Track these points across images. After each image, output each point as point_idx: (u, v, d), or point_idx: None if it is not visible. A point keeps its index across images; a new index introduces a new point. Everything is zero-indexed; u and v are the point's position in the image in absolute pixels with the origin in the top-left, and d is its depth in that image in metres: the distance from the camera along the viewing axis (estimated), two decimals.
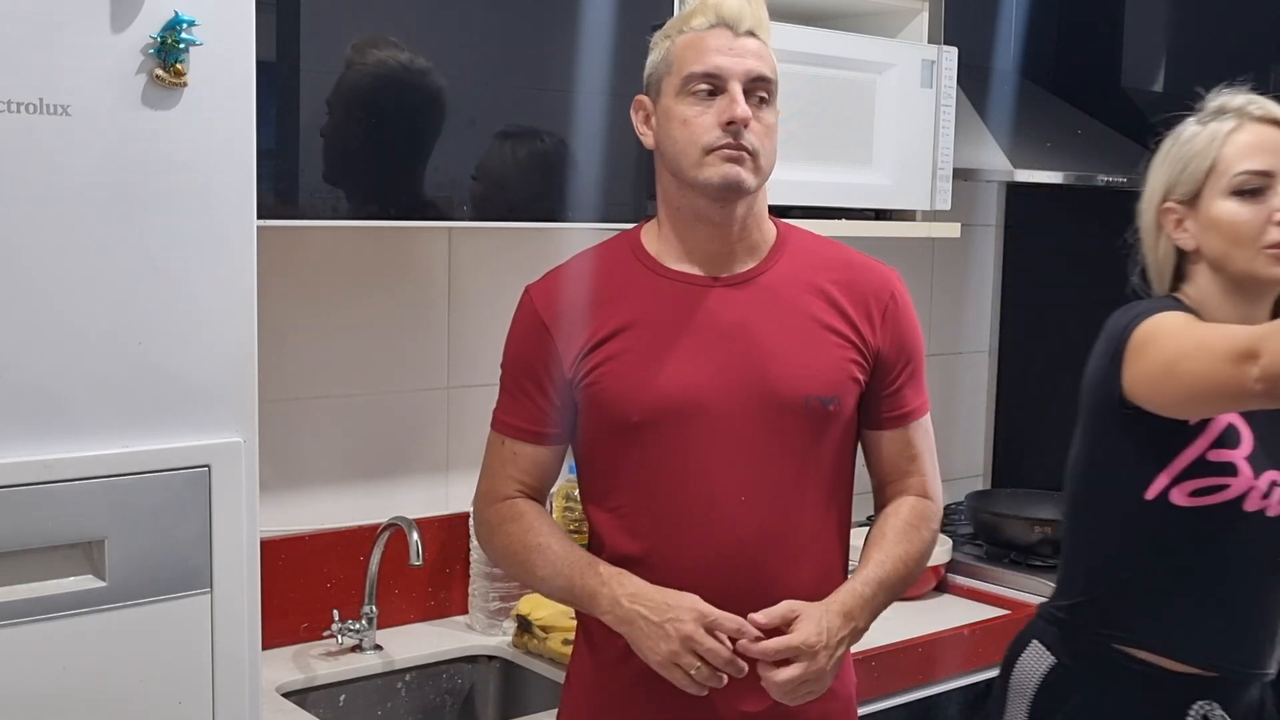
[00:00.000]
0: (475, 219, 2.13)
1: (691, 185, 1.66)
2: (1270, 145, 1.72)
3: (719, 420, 1.65)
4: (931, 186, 2.67)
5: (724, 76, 1.63)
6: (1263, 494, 1.69)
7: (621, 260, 1.74)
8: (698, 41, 1.65)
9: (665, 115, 1.68)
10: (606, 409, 1.68)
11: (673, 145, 1.67)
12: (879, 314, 1.73)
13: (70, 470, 1.48)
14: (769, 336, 1.68)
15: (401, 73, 2.00)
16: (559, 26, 2.14)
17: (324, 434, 2.38)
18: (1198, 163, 1.74)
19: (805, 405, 1.67)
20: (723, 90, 1.64)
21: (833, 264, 1.75)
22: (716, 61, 1.64)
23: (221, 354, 1.57)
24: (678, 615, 1.59)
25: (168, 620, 1.55)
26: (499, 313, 2.52)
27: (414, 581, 2.45)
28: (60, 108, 1.44)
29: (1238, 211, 1.71)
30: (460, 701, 2.40)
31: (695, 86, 1.64)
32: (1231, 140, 1.73)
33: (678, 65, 1.66)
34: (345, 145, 1.97)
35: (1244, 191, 1.70)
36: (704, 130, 1.63)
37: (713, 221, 1.69)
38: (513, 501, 1.76)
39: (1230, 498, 1.69)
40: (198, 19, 1.51)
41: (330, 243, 2.35)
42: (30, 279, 1.44)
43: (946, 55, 2.67)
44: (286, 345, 2.30)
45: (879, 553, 1.72)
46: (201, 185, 1.54)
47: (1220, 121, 1.75)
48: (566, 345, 1.70)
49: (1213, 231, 1.73)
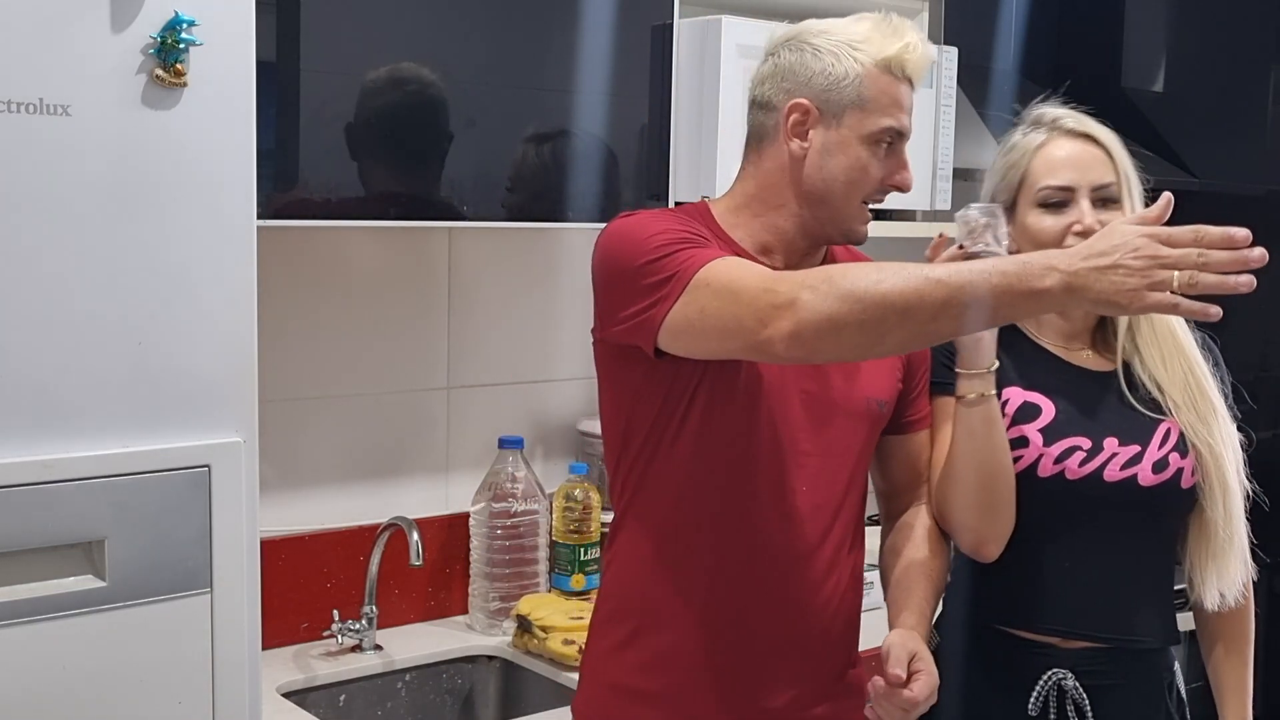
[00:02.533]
0: (475, 219, 2.13)
1: (834, 223, 1.66)
2: (1075, 160, 1.80)
3: (789, 414, 1.65)
4: (931, 186, 2.67)
5: (906, 139, 1.65)
6: (1054, 459, 1.78)
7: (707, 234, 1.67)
8: (894, 92, 1.62)
9: (841, 147, 1.63)
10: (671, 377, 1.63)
11: (842, 184, 1.63)
12: None
13: (70, 470, 1.48)
14: None
15: (401, 72, 2.00)
16: (559, 27, 2.14)
17: (324, 434, 2.38)
18: (1012, 174, 1.83)
19: (867, 408, 1.70)
20: (897, 150, 1.64)
21: None
22: (908, 124, 1.64)
23: (221, 354, 1.57)
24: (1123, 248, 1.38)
25: (168, 620, 1.55)
26: (499, 313, 2.54)
27: (414, 581, 2.45)
28: (60, 108, 1.44)
29: (1042, 222, 1.79)
30: (460, 701, 2.40)
31: (886, 139, 1.63)
32: (1040, 154, 1.81)
33: (875, 107, 1.61)
34: (346, 145, 1.97)
35: (1049, 204, 1.79)
36: (875, 184, 1.64)
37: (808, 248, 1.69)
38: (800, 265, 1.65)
39: (1023, 467, 1.78)
40: (198, 19, 1.51)
41: (330, 243, 2.35)
42: (30, 279, 1.44)
43: (946, 55, 2.67)
44: (286, 345, 2.30)
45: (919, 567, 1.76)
46: (202, 185, 1.54)
47: (1034, 133, 1.84)
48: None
49: (1025, 239, 1.80)
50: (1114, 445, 1.80)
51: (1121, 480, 1.79)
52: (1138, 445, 1.80)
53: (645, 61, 2.26)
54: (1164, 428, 1.82)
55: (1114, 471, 1.79)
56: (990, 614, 1.84)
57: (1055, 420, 1.81)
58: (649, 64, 2.26)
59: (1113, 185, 1.79)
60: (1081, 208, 1.78)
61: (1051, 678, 1.80)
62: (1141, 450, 1.80)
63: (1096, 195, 1.78)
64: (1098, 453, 1.80)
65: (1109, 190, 1.79)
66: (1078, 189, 1.78)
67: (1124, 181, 1.80)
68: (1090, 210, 1.77)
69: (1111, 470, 1.79)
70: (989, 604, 1.84)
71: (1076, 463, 1.79)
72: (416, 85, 2.02)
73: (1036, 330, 1.88)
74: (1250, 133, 3.25)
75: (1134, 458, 1.79)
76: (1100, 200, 1.78)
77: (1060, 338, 1.87)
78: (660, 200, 2.29)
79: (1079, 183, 1.79)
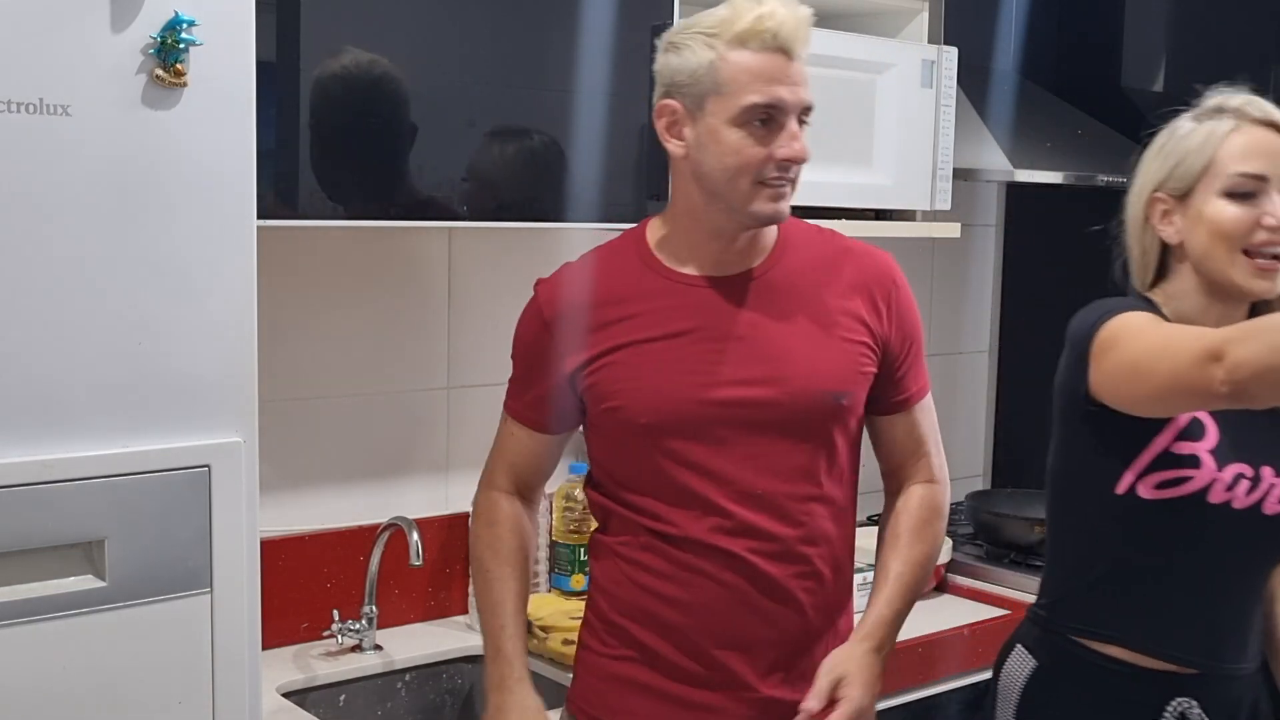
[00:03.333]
0: (475, 219, 2.13)
1: (734, 211, 1.65)
2: (1265, 149, 1.71)
3: (730, 420, 1.66)
4: (931, 186, 2.67)
5: (784, 110, 1.60)
6: (1227, 486, 1.68)
7: (627, 261, 1.74)
8: (753, 66, 1.59)
9: (712, 137, 1.62)
10: (610, 410, 1.69)
11: (721, 172, 1.62)
12: (884, 303, 1.74)
13: (70, 470, 1.48)
14: (778, 333, 1.69)
15: (401, 72, 2.00)
16: (558, 27, 2.14)
17: (324, 434, 2.38)
18: (1193, 159, 1.73)
19: (819, 401, 1.68)
20: (779, 123, 1.60)
21: (832, 255, 1.76)
22: (779, 94, 1.59)
23: (221, 354, 1.57)
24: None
25: (168, 620, 1.55)
26: (499, 313, 2.53)
27: (414, 581, 2.45)
28: (60, 108, 1.44)
29: (1228, 211, 1.70)
30: (460, 701, 2.39)
31: (755, 117, 1.59)
32: (1229, 141, 1.72)
33: (733, 89, 1.59)
34: (346, 145, 1.97)
35: (1237, 194, 1.70)
36: (758, 163, 1.60)
37: (733, 236, 1.69)
38: (498, 501, 1.82)
39: (1194, 490, 1.68)
40: (198, 19, 1.51)
41: (330, 243, 2.35)
42: (30, 279, 1.44)
43: (946, 55, 2.67)
44: (286, 345, 2.30)
45: (896, 561, 1.76)
46: (201, 185, 1.54)
47: (1218, 121, 1.74)
48: (566, 345, 1.72)
49: (1200, 228, 1.72)
50: (1270, 475, 1.71)
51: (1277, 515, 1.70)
52: None
53: (645, 61, 2.26)
54: None
55: (1273, 505, 1.70)
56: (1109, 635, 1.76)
57: (1221, 443, 1.70)
58: (649, 64, 2.26)
59: None
60: (1274, 199, 1.68)
61: (1178, 707, 1.72)
62: None
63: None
64: (1258, 483, 1.70)
65: None
66: (1271, 179, 1.69)
67: None
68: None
69: (1271, 504, 1.70)
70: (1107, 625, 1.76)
71: (1244, 492, 1.69)
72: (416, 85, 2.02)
73: None
74: None
75: None
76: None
77: None
78: (660, 200, 2.29)
79: (1272, 172, 1.69)
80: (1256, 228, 1.68)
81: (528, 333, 1.77)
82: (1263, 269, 1.69)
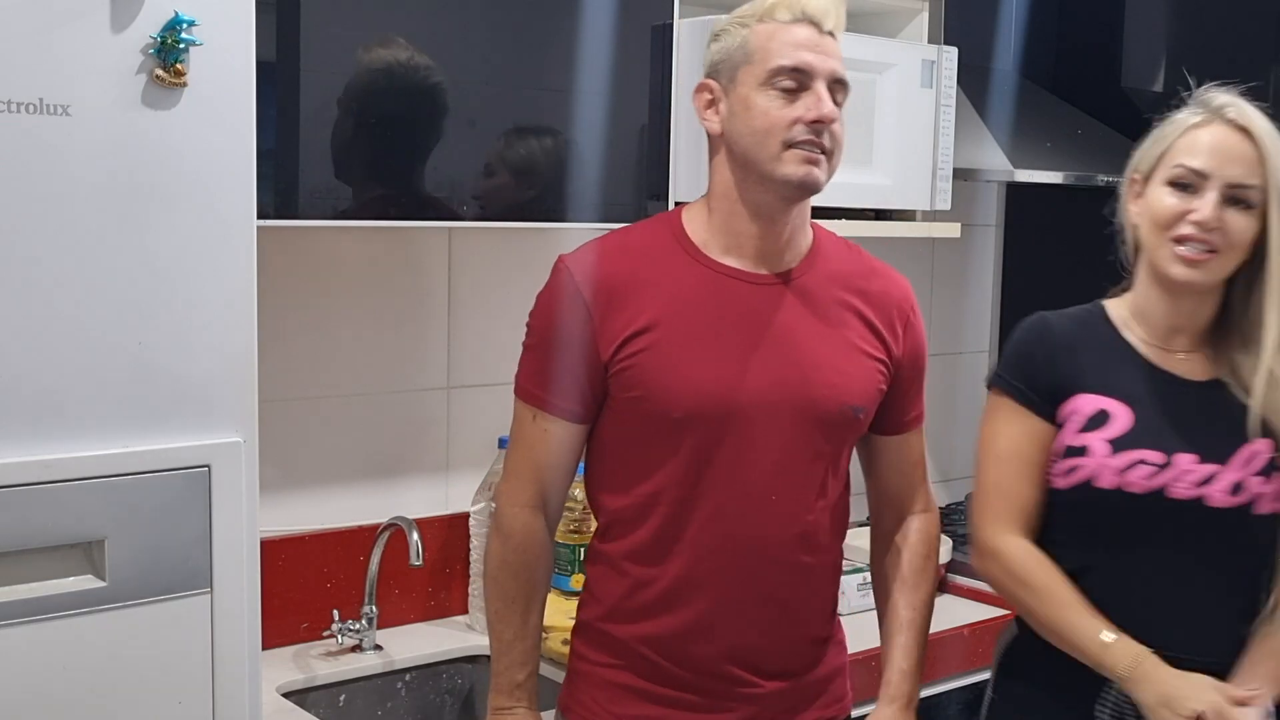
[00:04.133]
0: (475, 219, 2.13)
1: (766, 179, 1.63)
2: (1220, 148, 1.70)
3: (758, 421, 1.65)
4: (931, 186, 2.67)
5: (811, 74, 1.61)
6: (1117, 471, 1.71)
7: (663, 245, 1.70)
8: (782, 34, 1.62)
9: (743, 105, 1.63)
10: (640, 399, 1.65)
11: (751, 136, 1.63)
12: (901, 325, 1.75)
13: (70, 470, 1.48)
14: (811, 340, 1.68)
15: (402, 72, 2.00)
16: (560, 26, 2.14)
17: (324, 434, 2.38)
18: (1158, 145, 1.75)
19: (841, 414, 1.68)
20: (806, 88, 1.61)
21: (860, 271, 1.76)
22: (805, 58, 1.61)
23: (221, 354, 1.57)
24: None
25: (168, 620, 1.55)
26: (499, 313, 2.54)
27: (414, 581, 2.45)
28: (60, 108, 1.44)
29: (1165, 200, 1.71)
30: (460, 701, 2.40)
31: (781, 81, 1.61)
32: (1190, 133, 1.72)
33: (761, 55, 1.62)
34: (345, 145, 1.97)
35: (1178, 184, 1.71)
36: (786, 125, 1.61)
37: (772, 218, 1.67)
38: (529, 524, 1.74)
39: (1084, 478, 1.72)
40: (198, 19, 1.51)
41: (330, 243, 2.35)
42: (30, 279, 1.44)
43: (946, 55, 2.67)
44: (286, 345, 2.29)
45: (906, 608, 1.79)
46: (201, 185, 1.54)
47: (1192, 112, 1.75)
48: (603, 326, 1.65)
49: (1145, 215, 1.74)
50: (1188, 462, 1.71)
51: (1188, 499, 1.69)
52: (1215, 464, 1.70)
53: (645, 61, 2.26)
54: (1250, 450, 1.71)
55: (1182, 490, 1.70)
56: None
57: (1132, 431, 1.73)
58: (649, 64, 2.26)
59: (1252, 189, 1.68)
60: (1208, 199, 1.68)
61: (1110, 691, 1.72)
62: (1219, 470, 1.70)
63: (1230, 192, 1.68)
64: (1167, 469, 1.70)
65: (1246, 192, 1.68)
66: (1212, 177, 1.69)
67: (1272, 190, 1.69)
68: (1215, 204, 1.68)
69: (1179, 489, 1.70)
70: None
71: (1141, 477, 1.70)
72: (416, 85, 2.02)
73: (1129, 324, 1.80)
74: None
75: (1207, 478, 1.70)
76: (1232, 199, 1.68)
77: (1158, 335, 1.78)
78: (660, 200, 2.29)
79: (1216, 172, 1.69)
80: (1184, 220, 1.69)
81: (562, 310, 1.67)
82: (1183, 257, 1.70)
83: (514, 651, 1.74)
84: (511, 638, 1.74)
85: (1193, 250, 1.69)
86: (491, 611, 1.77)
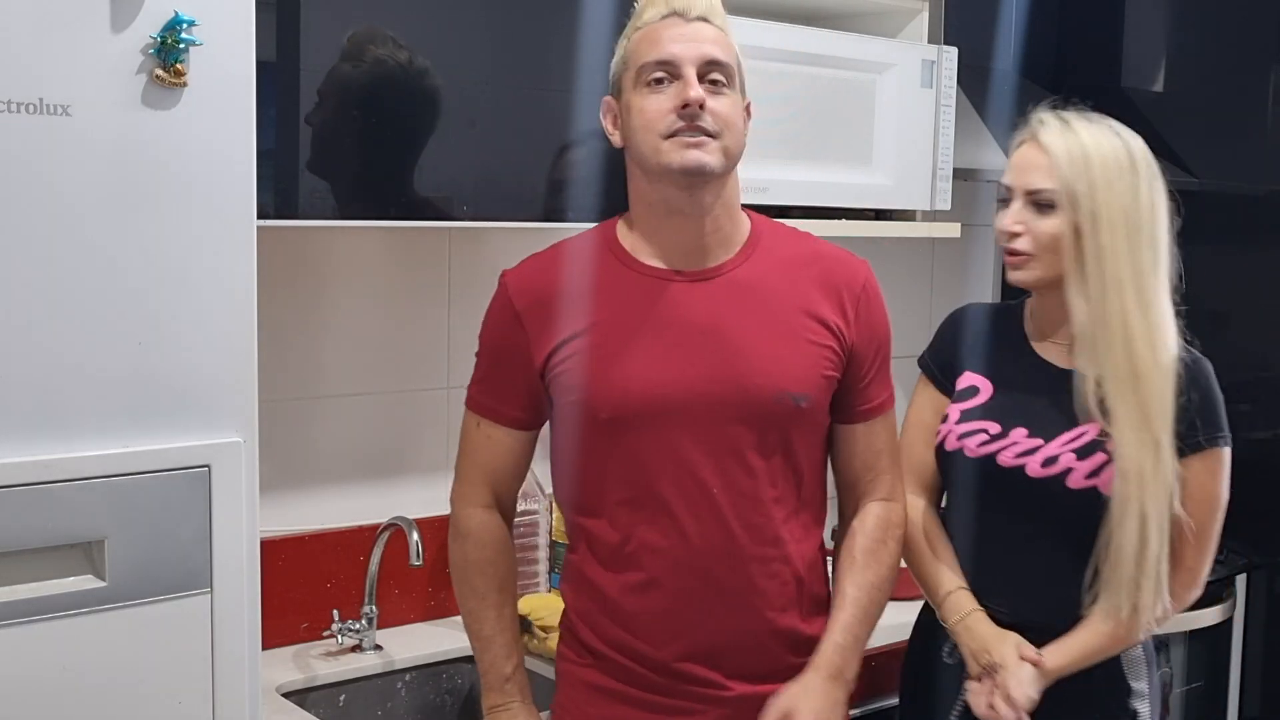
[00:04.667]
0: (475, 219, 2.13)
1: (656, 174, 1.66)
2: (1018, 163, 1.90)
3: (690, 416, 1.66)
4: (931, 186, 2.67)
5: (676, 63, 1.64)
6: (958, 436, 1.92)
7: (596, 253, 1.75)
8: (651, 34, 1.67)
9: (626, 110, 1.69)
10: (574, 404, 1.70)
11: (634, 136, 1.67)
12: (851, 307, 1.74)
13: (70, 470, 1.48)
14: (741, 332, 1.69)
15: (401, 73, 2.00)
16: (559, 26, 2.14)
17: (324, 434, 2.38)
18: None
19: (777, 401, 1.68)
20: (678, 77, 1.64)
21: (804, 257, 1.76)
22: (668, 49, 1.65)
23: (221, 354, 1.57)
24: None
25: (168, 620, 1.55)
26: None
27: (414, 581, 2.45)
28: (60, 108, 1.44)
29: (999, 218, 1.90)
30: (460, 701, 2.40)
31: (650, 76, 1.65)
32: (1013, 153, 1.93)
33: (633, 59, 1.68)
34: (346, 145, 1.97)
35: (999, 199, 1.92)
36: (660, 117, 1.64)
37: (683, 212, 1.69)
38: (482, 519, 1.80)
39: (940, 440, 1.95)
40: (198, 19, 1.51)
41: (330, 243, 2.35)
42: (30, 279, 1.44)
43: (946, 55, 2.67)
44: (286, 345, 2.30)
45: (851, 586, 1.76)
46: (201, 185, 1.54)
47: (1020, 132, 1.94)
48: (536, 335, 1.72)
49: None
50: (1019, 435, 1.89)
51: (1011, 467, 1.88)
52: (1041, 439, 1.88)
53: None
54: (1079, 430, 1.86)
55: (1007, 458, 1.88)
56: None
57: (984, 404, 1.93)
58: None
59: (1047, 192, 1.84)
60: (1011, 208, 1.88)
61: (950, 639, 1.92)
62: (1042, 444, 1.88)
63: (1031, 199, 1.86)
64: (1000, 439, 1.90)
65: (1042, 195, 1.85)
66: (1014, 189, 1.89)
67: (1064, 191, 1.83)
68: (1018, 211, 1.87)
69: (1005, 456, 1.88)
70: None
71: (976, 444, 1.90)
72: (416, 85, 2.02)
73: (1028, 321, 1.98)
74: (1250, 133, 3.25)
75: (1030, 450, 1.88)
76: (1035, 204, 1.86)
77: (1041, 332, 1.96)
78: None
79: (1015, 184, 1.89)
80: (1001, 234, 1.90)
81: (499, 324, 1.76)
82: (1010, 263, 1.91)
83: (495, 646, 1.77)
84: (490, 633, 1.78)
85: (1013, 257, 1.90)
86: (466, 613, 1.81)
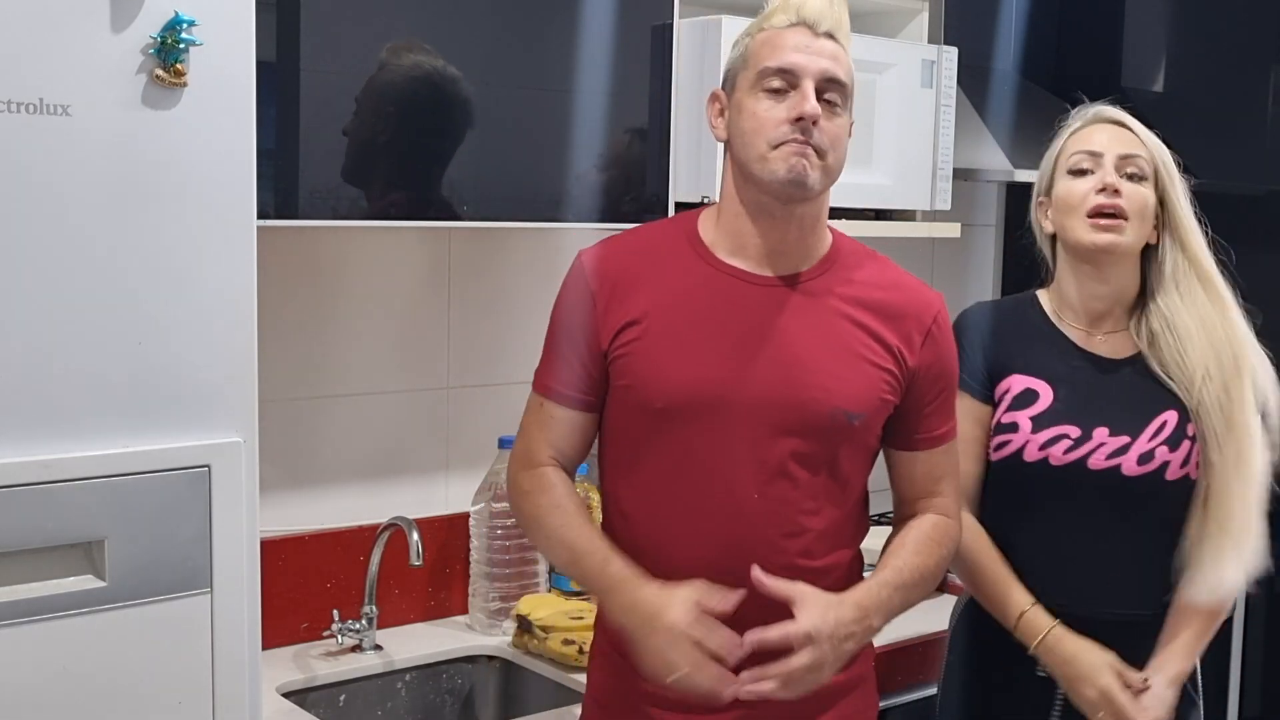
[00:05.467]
0: (475, 219, 2.13)
1: (757, 179, 1.66)
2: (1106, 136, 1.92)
3: (740, 418, 1.65)
4: (931, 186, 2.68)
5: (797, 74, 1.64)
6: (1040, 446, 1.89)
7: (674, 243, 1.74)
8: (775, 38, 1.66)
9: (737, 109, 1.68)
10: (630, 388, 1.68)
11: (741, 138, 1.67)
12: (920, 336, 1.72)
13: (70, 470, 1.48)
14: (804, 343, 1.68)
15: (402, 73, 2.00)
16: (560, 27, 2.14)
17: (324, 434, 2.38)
18: (1049, 158, 1.98)
19: (831, 417, 1.67)
20: (796, 88, 1.64)
21: (880, 282, 1.74)
22: (792, 59, 1.64)
23: (221, 354, 1.57)
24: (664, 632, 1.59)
25: (168, 620, 1.55)
26: (499, 313, 2.54)
27: (414, 581, 2.45)
28: (60, 108, 1.44)
29: (1070, 186, 1.92)
30: (460, 701, 2.40)
31: (769, 82, 1.64)
32: (1075, 136, 1.95)
33: (753, 60, 1.67)
34: (345, 145, 1.97)
35: (1077, 170, 1.92)
36: (773, 125, 1.63)
37: (773, 216, 1.69)
38: (543, 471, 1.74)
39: (1013, 451, 1.92)
40: (198, 19, 1.51)
41: (330, 243, 2.35)
42: (30, 279, 1.44)
43: (946, 55, 2.67)
44: (286, 345, 2.30)
45: (897, 559, 1.74)
46: (201, 185, 1.54)
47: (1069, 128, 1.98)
48: (605, 316, 1.70)
49: (1057, 209, 1.94)
50: (1103, 435, 1.88)
51: (1105, 469, 1.87)
52: (1127, 436, 1.88)
53: (645, 61, 2.26)
54: (1159, 420, 1.89)
55: (1099, 461, 1.88)
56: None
57: (1050, 408, 1.91)
58: (649, 64, 2.27)
59: (1141, 158, 1.90)
60: (1104, 168, 1.89)
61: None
62: (1130, 441, 1.88)
63: (1125, 165, 1.89)
64: (1085, 442, 1.88)
65: (1136, 162, 1.89)
66: (1105, 154, 1.90)
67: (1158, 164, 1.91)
68: (1113, 171, 1.88)
69: (1096, 460, 1.88)
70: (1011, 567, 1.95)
71: (1061, 450, 1.88)
72: (416, 85, 2.02)
73: (1058, 311, 1.98)
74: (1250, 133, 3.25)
75: (1121, 449, 1.87)
76: (1126, 174, 1.89)
77: (1082, 320, 1.96)
78: (660, 200, 2.30)
79: (1107, 148, 1.90)
80: (1090, 193, 1.89)
81: (572, 302, 1.73)
82: (1099, 224, 1.89)
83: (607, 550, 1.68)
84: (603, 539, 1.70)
85: (1105, 219, 1.88)
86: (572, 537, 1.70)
